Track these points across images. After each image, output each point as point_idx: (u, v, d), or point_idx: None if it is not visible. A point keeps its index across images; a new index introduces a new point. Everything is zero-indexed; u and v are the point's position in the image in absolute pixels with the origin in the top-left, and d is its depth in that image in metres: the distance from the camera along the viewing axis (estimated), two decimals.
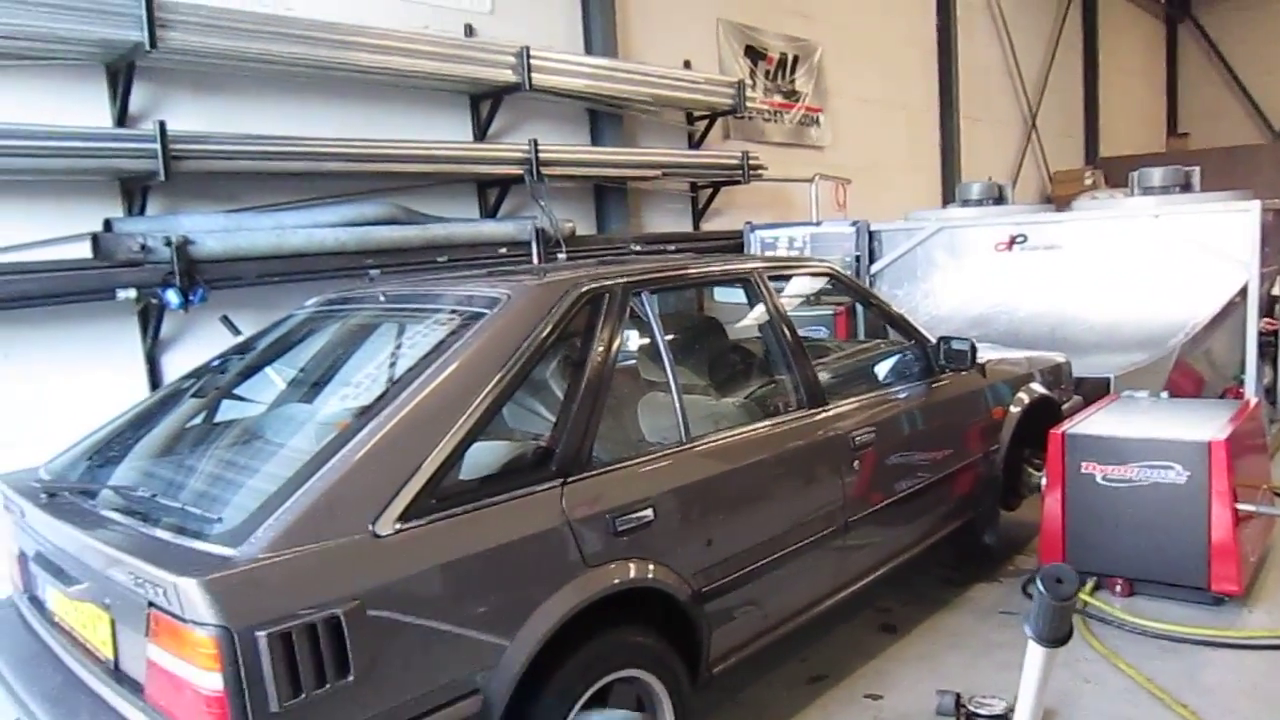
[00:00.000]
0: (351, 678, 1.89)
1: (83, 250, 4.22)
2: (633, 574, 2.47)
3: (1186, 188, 6.54)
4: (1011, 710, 2.99)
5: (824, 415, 3.23)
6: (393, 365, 2.73)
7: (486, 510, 2.22)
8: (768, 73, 8.88)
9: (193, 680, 1.80)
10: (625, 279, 2.86)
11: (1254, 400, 4.72)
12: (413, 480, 2.10)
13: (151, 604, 1.88)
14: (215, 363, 3.19)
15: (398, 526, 2.04)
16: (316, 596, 1.87)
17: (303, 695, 1.83)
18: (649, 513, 2.53)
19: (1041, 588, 1.79)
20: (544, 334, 2.52)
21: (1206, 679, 3.34)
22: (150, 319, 4.53)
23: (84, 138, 4.12)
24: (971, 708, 3.05)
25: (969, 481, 4.04)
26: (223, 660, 1.75)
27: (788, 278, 4.16)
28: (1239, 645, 3.56)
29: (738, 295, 3.63)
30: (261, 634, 1.78)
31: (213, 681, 1.77)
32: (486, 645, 2.14)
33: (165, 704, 1.91)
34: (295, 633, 1.82)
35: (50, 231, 4.24)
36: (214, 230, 4.53)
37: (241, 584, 1.81)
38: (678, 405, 2.79)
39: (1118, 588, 3.98)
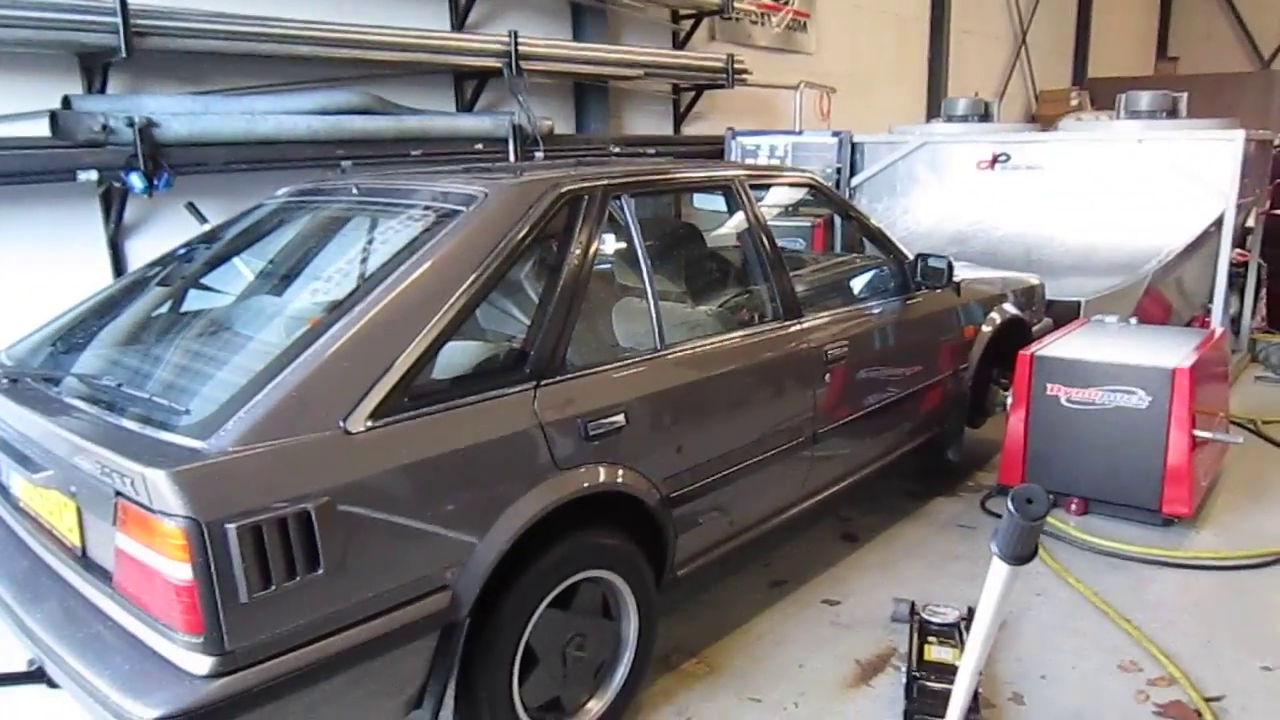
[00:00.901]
0: (321, 571, 1.90)
1: (40, 129, 4.05)
2: (602, 478, 2.49)
3: (1173, 113, 6.48)
4: (964, 619, 3.11)
5: (798, 327, 3.23)
6: (365, 261, 2.67)
7: (459, 410, 2.21)
8: None
9: (162, 570, 1.80)
10: (605, 181, 2.80)
11: (1219, 330, 4.79)
12: (385, 378, 2.07)
13: (119, 494, 1.86)
14: (181, 251, 3.10)
15: (369, 424, 2.03)
16: (287, 491, 1.86)
17: (272, 587, 1.83)
18: (620, 418, 2.53)
19: (1012, 508, 1.82)
20: (521, 234, 2.47)
21: (1151, 595, 3.47)
22: (113, 203, 4.40)
23: (39, 7, 3.90)
24: (925, 615, 3.15)
25: (937, 398, 4.09)
26: (192, 551, 1.75)
27: (768, 187, 4.11)
28: (1184, 565, 3.69)
29: (717, 202, 3.58)
30: (231, 526, 1.78)
31: (182, 572, 1.77)
32: (456, 543, 2.16)
33: (134, 592, 1.92)
34: (265, 526, 1.81)
35: (5, 108, 4.06)
36: (180, 113, 4.36)
37: (211, 476, 1.79)
38: (653, 312, 2.77)
39: (1073, 506, 4.09)
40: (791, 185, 4.20)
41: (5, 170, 3.89)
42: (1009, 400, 4.26)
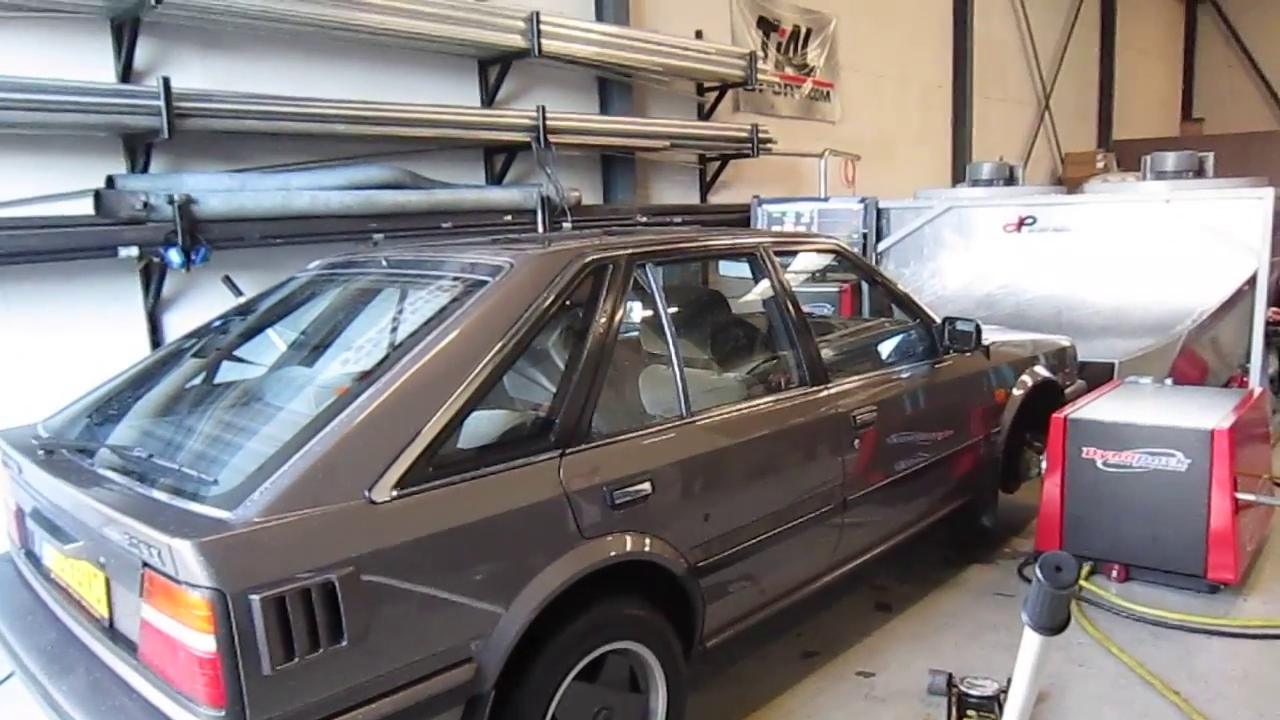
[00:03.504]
0: (345, 643, 1.89)
1: (85, 207, 4.18)
2: (629, 547, 2.46)
3: (1199, 173, 6.48)
4: (1003, 691, 3.01)
5: (826, 393, 3.22)
6: (394, 331, 2.71)
7: (484, 479, 2.21)
8: (780, 45, 8.77)
9: (186, 641, 1.80)
10: (629, 250, 2.84)
11: (1258, 389, 4.70)
12: (410, 447, 2.09)
13: (146, 564, 1.87)
14: (216, 323, 3.17)
15: (394, 494, 2.03)
16: (311, 561, 1.86)
17: (295, 659, 1.82)
18: (647, 486, 2.52)
19: (1040, 575, 1.77)
20: (546, 304, 2.51)
21: (1199, 665, 3.34)
22: (152, 278, 4.50)
23: (87, 92, 4.06)
24: (963, 688, 3.06)
25: (969, 463, 4.03)
26: (216, 622, 1.75)
27: (794, 253, 4.13)
28: (1232, 633, 3.56)
29: (743, 270, 3.60)
30: (255, 597, 1.78)
31: (206, 643, 1.77)
32: (481, 614, 2.14)
33: (158, 664, 1.92)
34: (289, 597, 1.81)
35: (52, 187, 4.20)
36: (218, 190, 4.49)
37: (236, 547, 1.80)
38: (679, 379, 2.78)
39: (1114, 573, 3.98)
40: (817, 251, 4.22)
41: (51, 247, 4.01)
42: (1043, 464, 4.19)
